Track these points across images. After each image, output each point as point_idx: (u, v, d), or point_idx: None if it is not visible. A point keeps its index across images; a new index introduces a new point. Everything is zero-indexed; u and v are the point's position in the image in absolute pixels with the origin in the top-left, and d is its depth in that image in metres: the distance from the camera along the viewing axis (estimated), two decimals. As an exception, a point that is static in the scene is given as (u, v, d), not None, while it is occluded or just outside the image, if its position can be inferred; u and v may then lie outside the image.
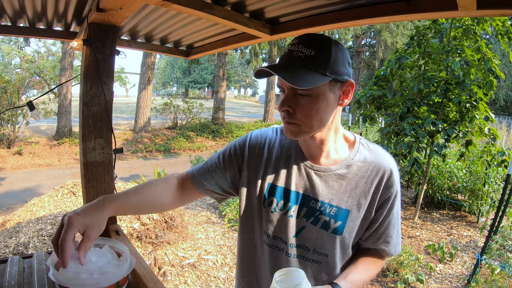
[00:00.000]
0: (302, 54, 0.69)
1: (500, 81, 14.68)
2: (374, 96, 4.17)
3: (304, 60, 0.69)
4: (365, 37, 20.78)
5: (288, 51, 0.71)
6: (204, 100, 21.72)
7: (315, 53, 0.69)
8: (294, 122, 0.74)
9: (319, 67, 0.69)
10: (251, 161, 0.86)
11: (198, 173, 0.90)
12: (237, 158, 0.88)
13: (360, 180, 0.79)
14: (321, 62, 0.69)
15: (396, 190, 0.80)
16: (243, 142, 0.88)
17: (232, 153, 0.88)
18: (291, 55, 0.70)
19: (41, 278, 0.99)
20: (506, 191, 2.69)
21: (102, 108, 1.30)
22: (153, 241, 3.06)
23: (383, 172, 0.79)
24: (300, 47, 0.70)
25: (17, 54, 17.56)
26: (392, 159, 0.83)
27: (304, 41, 0.70)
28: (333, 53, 0.70)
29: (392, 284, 2.79)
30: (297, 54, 0.69)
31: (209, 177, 0.88)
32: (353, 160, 0.81)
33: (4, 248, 2.56)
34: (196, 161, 5.82)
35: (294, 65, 0.69)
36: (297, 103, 0.72)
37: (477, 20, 3.63)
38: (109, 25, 1.25)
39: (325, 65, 0.69)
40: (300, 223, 0.80)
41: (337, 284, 0.73)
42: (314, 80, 0.68)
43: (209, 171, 0.89)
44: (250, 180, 0.86)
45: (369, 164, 0.80)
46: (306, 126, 0.74)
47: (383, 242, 0.83)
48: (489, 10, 0.82)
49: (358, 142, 0.84)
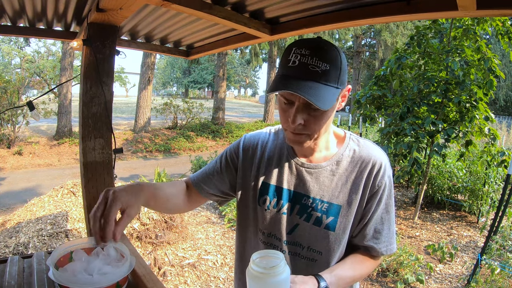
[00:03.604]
0: (319, 69, 0.67)
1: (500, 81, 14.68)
2: (374, 96, 4.16)
3: (321, 75, 0.67)
4: (365, 37, 20.79)
5: (301, 64, 0.67)
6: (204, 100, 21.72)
7: (329, 67, 0.68)
8: (304, 134, 0.74)
9: (333, 81, 0.69)
10: (245, 162, 0.88)
11: (199, 179, 0.93)
12: (233, 161, 0.90)
13: (350, 175, 0.80)
14: (334, 76, 0.69)
15: (385, 184, 0.79)
16: (238, 144, 0.91)
17: (228, 157, 0.91)
18: (307, 70, 0.67)
19: (41, 278, 0.99)
20: (506, 191, 2.69)
21: (102, 108, 1.30)
22: (153, 241, 3.06)
23: (372, 165, 0.79)
24: (315, 60, 0.67)
25: (17, 54, 17.55)
26: (382, 153, 0.83)
27: (318, 54, 0.67)
28: (343, 64, 0.71)
29: (392, 284, 2.79)
30: (313, 69, 0.67)
31: (208, 182, 0.91)
32: (342, 155, 0.82)
33: (4, 248, 2.56)
34: (196, 161, 5.82)
35: (312, 81, 0.67)
36: (309, 115, 0.71)
37: (477, 20, 3.63)
38: (109, 25, 1.25)
39: (337, 78, 0.70)
40: (293, 220, 0.82)
41: (322, 276, 0.72)
42: (331, 96, 0.69)
43: (208, 176, 0.92)
44: (244, 180, 0.88)
45: (358, 158, 0.81)
46: (314, 134, 0.75)
47: (372, 238, 0.81)
48: (489, 10, 0.82)
49: (348, 138, 0.85)
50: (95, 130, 1.30)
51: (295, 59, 0.68)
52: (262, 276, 0.58)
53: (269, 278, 0.57)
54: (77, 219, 3.03)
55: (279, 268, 0.58)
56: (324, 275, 0.72)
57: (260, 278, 0.58)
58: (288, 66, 0.69)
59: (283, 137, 0.89)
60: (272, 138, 0.90)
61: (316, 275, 0.72)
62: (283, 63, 0.71)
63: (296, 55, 0.68)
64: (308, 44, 0.69)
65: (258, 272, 0.58)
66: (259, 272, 0.58)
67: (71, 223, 2.96)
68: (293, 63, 0.68)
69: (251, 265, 0.60)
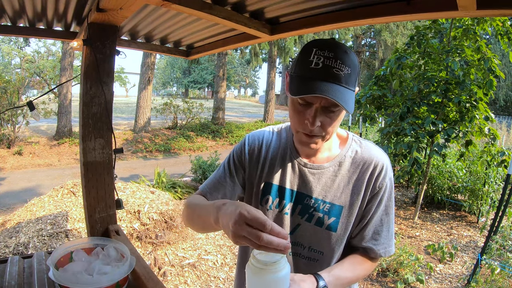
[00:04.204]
0: (342, 73, 0.67)
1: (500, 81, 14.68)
2: (374, 96, 4.16)
3: (344, 78, 0.67)
4: (365, 37, 20.79)
5: (325, 66, 0.67)
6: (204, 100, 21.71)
7: (351, 71, 0.68)
8: (319, 135, 0.73)
9: (352, 85, 0.70)
10: (251, 161, 0.89)
11: (209, 188, 0.90)
12: (241, 162, 0.90)
13: (352, 176, 0.80)
14: (354, 80, 0.70)
15: (386, 185, 0.80)
16: (242, 145, 0.91)
17: (235, 159, 0.90)
18: (331, 73, 0.67)
19: (41, 278, 0.99)
20: (506, 191, 2.69)
21: (102, 108, 1.30)
22: (153, 241, 3.06)
23: (374, 166, 0.80)
24: (339, 64, 0.67)
25: (17, 54, 17.55)
26: (384, 154, 0.83)
27: (341, 57, 0.67)
28: (358, 68, 0.71)
29: (392, 284, 2.79)
30: (337, 72, 0.67)
31: (220, 188, 0.88)
32: (345, 156, 0.82)
33: (4, 248, 2.56)
34: (196, 161, 5.82)
35: (337, 84, 0.67)
36: (326, 117, 0.71)
37: (477, 20, 3.63)
38: (109, 25, 1.25)
39: (355, 81, 0.71)
40: (295, 220, 0.82)
41: (320, 275, 0.72)
42: (352, 99, 0.70)
43: (219, 183, 0.89)
44: (249, 180, 0.88)
45: (360, 160, 0.81)
46: (328, 136, 0.75)
47: (371, 239, 0.81)
48: (489, 10, 0.82)
49: (350, 139, 0.85)
50: (95, 130, 1.30)
51: (317, 61, 0.67)
52: (262, 272, 0.57)
53: (269, 274, 0.57)
54: (77, 219, 3.03)
55: (280, 265, 0.58)
56: (323, 274, 0.73)
57: (260, 273, 0.58)
58: (310, 68, 0.67)
59: (285, 137, 0.89)
60: (275, 138, 0.90)
61: (315, 274, 0.72)
62: (304, 64, 0.69)
63: (318, 56, 0.67)
64: (330, 46, 0.68)
65: (259, 268, 0.58)
66: (259, 268, 0.58)
67: (71, 223, 2.96)
68: (316, 65, 0.67)
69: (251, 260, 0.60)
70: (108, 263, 0.79)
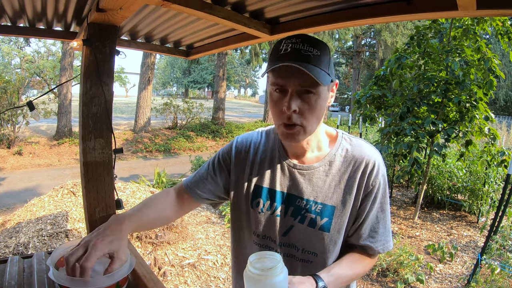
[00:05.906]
0: (310, 54, 0.69)
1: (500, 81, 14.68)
2: (374, 96, 4.16)
3: (313, 59, 0.69)
4: (365, 37, 20.77)
5: (294, 49, 0.69)
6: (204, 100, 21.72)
7: (320, 53, 0.70)
8: (297, 124, 0.72)
9: (325, 67, 0.71)
10: (237, 164, 0.88)
11: (192, 183, 0.92)
12: (226, 163, 0.90)
13: (344, 175, 0.79)
14: (325, 63, 0.71)
15: (379, 183, 0.79)
16: (230, 147, 0.91)
17: (220, 159, 0.91)
18: (300, 54, 0.68)
19: (41, 278, 0.99)
20: (506, 191, 2.69)
21: (102, 108, 1.30)
22: (153, 241, 3.06)
23: (366, 164, 0.78)
24: (306, 46, 0.69)
25: (17, 54, 17.56)
26: (375, 151, 0.82)
27: (307, 41, 0.70)
28: (331, 55, 0.73)
29: (392, 284, 2.79)
30: (305, 53, 0.68)
31: (202, 186, 0.90)
32: (335, 155, 0.81)
33: (4, 248, 2.56)
34: (196, 161, 5.82)
35: (306, 62, 0.68)
36: (303, 102, 0.71)
37: (477, 20, 3.63)
38: (109, 25, 1.25)
39: (327, 65, 0.72)
40: (288, 222, 0.81)
41: (319, 276, 0.71)
42: (326, 78, 0.70)
43: (201, 180, 0.91)
44: (237, 183, 0.87)
45: (351, 158, 0.80)
46: (308, 126, 0.73)
47: (368, 237, 0.80)
48: (489, 10, 0.82)
49: (340, 137, 0.84)
50: (95, 130, 1.30)
51: (286, 47, 0.70)
52: (259, 278, 0.57)
53: (266, 279, 0.57)
54: (77, 219, 3.03)
55: (277, 270, 0.58)
56: (322, 274, 0.72)
57: (258, 280, 0.57)
58: (280, 54, 0.70)
59: (274, 138, 0.88)
60: (264, 140, 0.89)
61: (314, 275, 0.71)
62: (274, 54, 0.72)
63: (287, 44, 0.70)
64: (298, 36, 0.72)
65: (256, 274, 0.58)
66: (256, 274, 0.57)
67: (71, 223, 2.97)
68: (285, 50, 0.70)
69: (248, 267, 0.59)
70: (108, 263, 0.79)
